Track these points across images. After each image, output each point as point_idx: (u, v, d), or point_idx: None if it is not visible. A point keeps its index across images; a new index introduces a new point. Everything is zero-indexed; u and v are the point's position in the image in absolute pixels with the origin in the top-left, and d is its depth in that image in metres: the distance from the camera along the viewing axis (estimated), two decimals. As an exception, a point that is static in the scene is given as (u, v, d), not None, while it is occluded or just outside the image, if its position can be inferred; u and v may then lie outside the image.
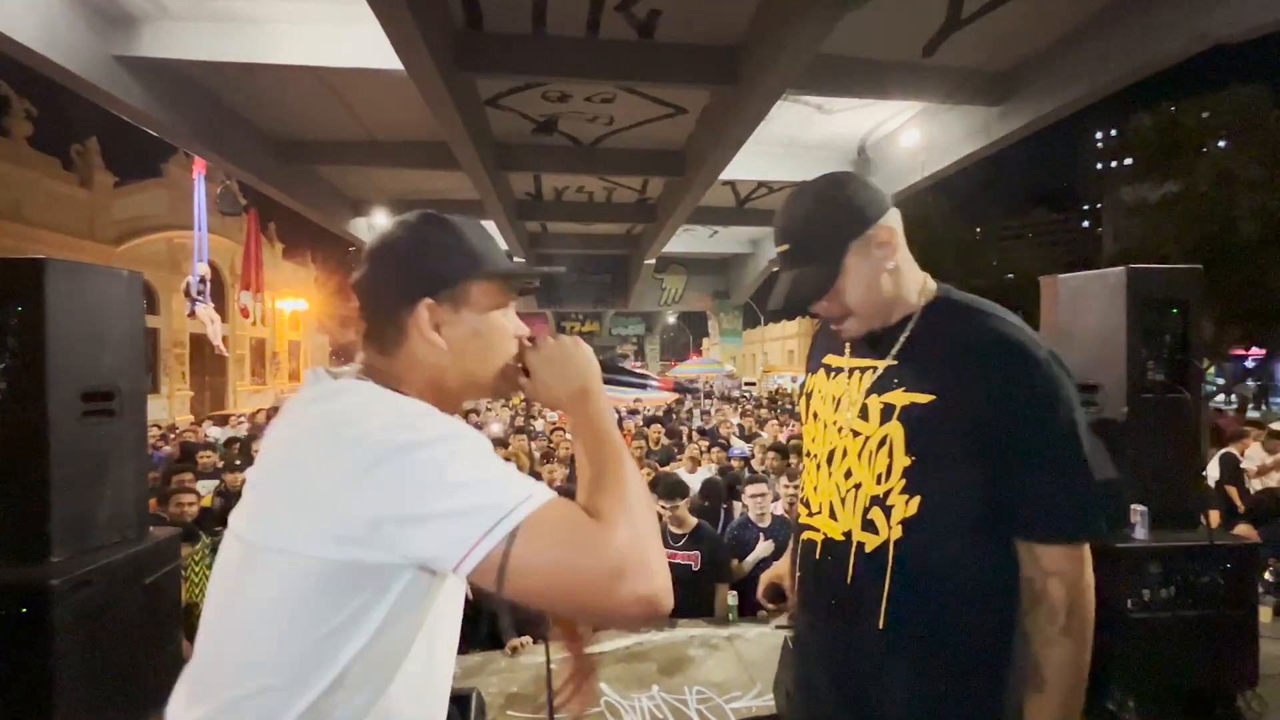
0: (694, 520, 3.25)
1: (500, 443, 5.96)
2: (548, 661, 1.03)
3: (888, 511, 0.94)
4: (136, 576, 2.26)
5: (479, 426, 8.36)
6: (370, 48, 5.62)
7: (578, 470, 0.73)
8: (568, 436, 7.04)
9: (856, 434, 0.99)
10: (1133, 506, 2.28)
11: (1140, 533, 2.25)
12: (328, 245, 25.10)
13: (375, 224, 12.85)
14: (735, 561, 3.39)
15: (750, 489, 3.64)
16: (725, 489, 4.23)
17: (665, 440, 7.01)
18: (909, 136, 8.49)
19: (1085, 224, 62.31)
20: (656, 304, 21.04)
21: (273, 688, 0.63)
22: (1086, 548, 0.87)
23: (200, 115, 7.20)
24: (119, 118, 6.57)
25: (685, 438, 6.61)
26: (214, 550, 3.01)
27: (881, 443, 0.96)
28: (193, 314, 9.04)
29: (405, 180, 11.22)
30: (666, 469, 5.19)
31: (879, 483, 0.95)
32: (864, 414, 0.98)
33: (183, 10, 5.79)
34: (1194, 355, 2.39)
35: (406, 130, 8.50)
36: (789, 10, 4.97)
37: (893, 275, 0.99)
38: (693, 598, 3.10)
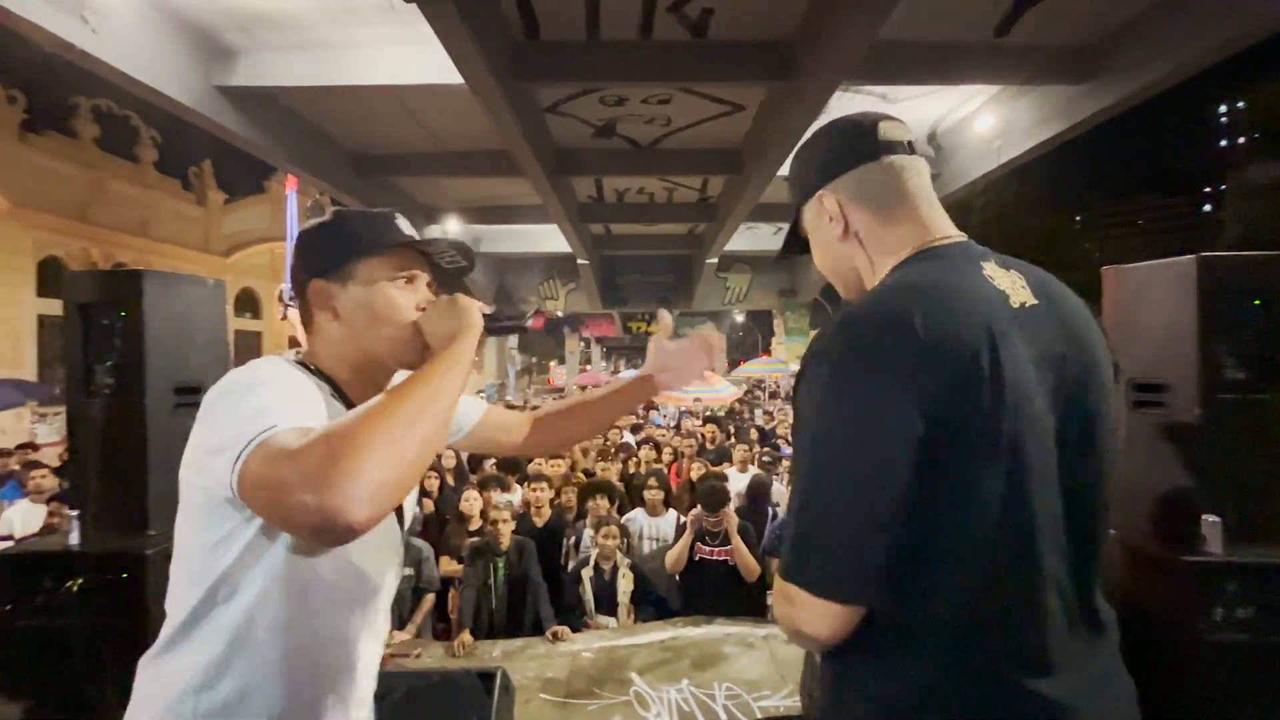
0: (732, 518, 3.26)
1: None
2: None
3: None
4: (217, 550, 2.54)
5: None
6: (438, 65, 5.94)
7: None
8: (625, 434, 7.16)
9: None
10: (1204, 517, 2.09)
11: (1213, 546, 2.06)
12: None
13: (447, 230, 13.51)
14: (775, 561, 3.36)
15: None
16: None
17: (721, 438, 6.97)
18: (983, 122, 8.01)
19: (1205, 208, 56.14)
20: (721, 303, 20.84)
21: (194, 563, 0.79)
22: (805, 597, 0.69)
23: (289, 135, 7.87)
24: (227, 142, 7.29)
25: (734, 437, 6.55)
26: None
27: None
28: (284, 318, 9.85)
29: (473, 188, 11.74)
30: (718, 469, 5.18)
31: None
32: None
33: (273, 42, 6.36)
34: (1284, 352, 2.15)
35: (473, 140, 8.91)
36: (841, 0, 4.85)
37: (848, 251, 0.87)
38: (730, 595, 3.11)
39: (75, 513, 2.35)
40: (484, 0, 5.17)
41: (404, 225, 0.92)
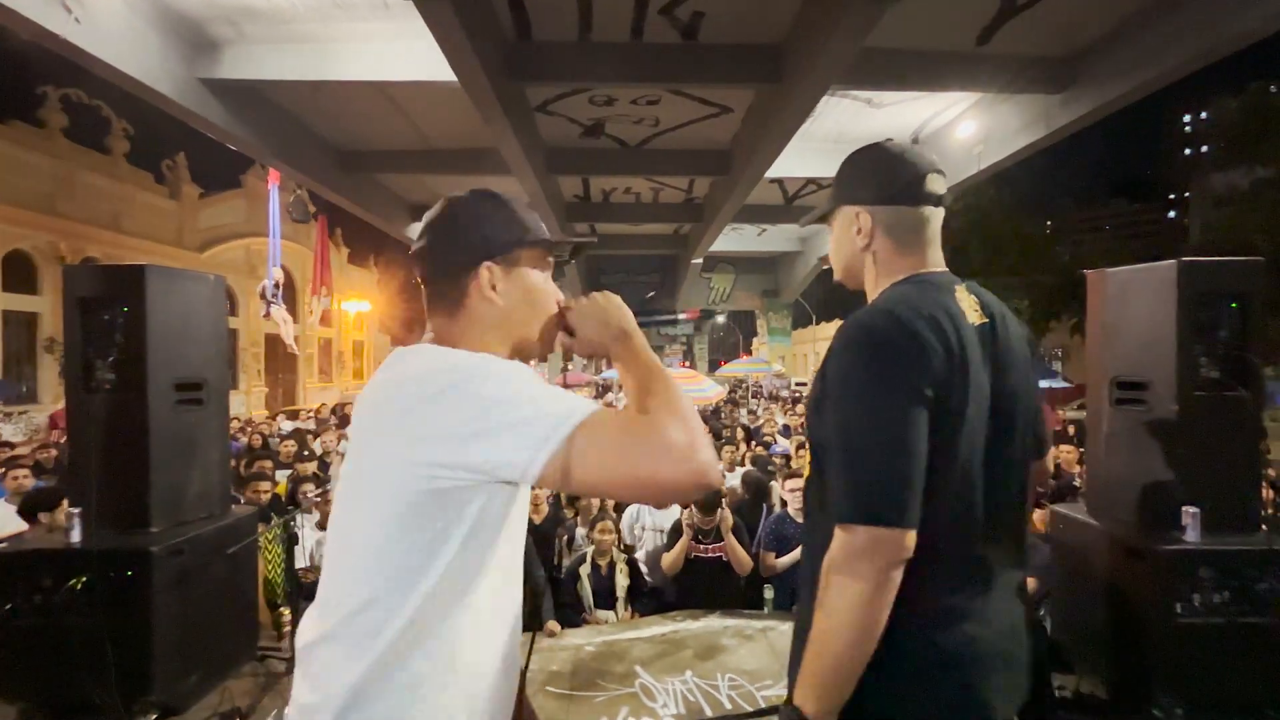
0: (722, 516, 3.32)
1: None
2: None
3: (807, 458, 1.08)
4: (221, 547, 2.53)
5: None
6: (427, 61, 5.92)
7: (626, 395, 0.82)
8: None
9: None
10: (1183, 508, 2.20)
11: (1191, 535, 2.18)
12: (389, 249, 26.25)
13: (432, 228, 13.40)
14: (772, 555, 3.43)
15: (789, 483, 3.67)
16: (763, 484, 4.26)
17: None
18: (964, 128, 8.21)
19: (1171, 214, 57.95)
20: (705, 303, 20.99)
21: (379, 599, 0.75)
22: (867, 533, 0.84)
23: (274, 130, 7.74)
24: (203, 134, 7.14)
25: (719, 436, 6.63)
26: (285, 529, 3.29)
27: None
28: (268, 315, 9.68)
29: (460, 185, 11.46)
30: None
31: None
32: None
33: (259, 34, 6.26)
34: (1254, 352, 2.28)
35: (461, 138, 8.86)
36: (830, 6, 4.94)
37: (863, 259, 1.08)
38: (724, 591, 3.17)
39: (77, 510, 2.32)
40: (478, -2, 5.17)
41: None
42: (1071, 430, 7.29)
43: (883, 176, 1.04)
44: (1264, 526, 2.24)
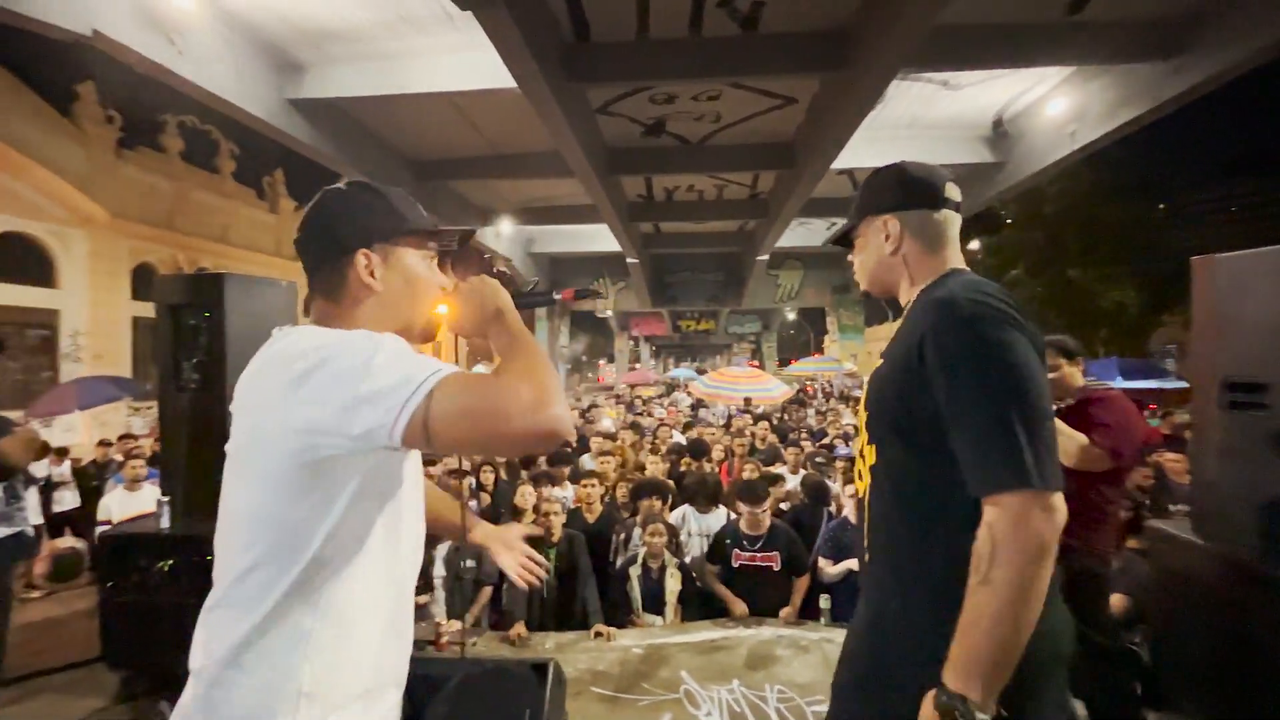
0: (768, 522, 3.20)
1: (610, 437, 6.19)
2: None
3: (864, 460, 1.09)
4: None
5: (590, 422, 8.77)
6: (490, 70, 6.10)
7: (495, 367, 0.86)
8: (673, 433, 7.15)
9: None
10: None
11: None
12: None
13: (502, 232, 13.84)
14: (830, 564, 3.28)
15: (849, 489, 3.50)
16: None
17: (773, 438, 6.87)
18: (1054, 106, 7.56)
19: (1311, 192, 51.07)
20: (772, 301, 20.51)
21: (264, 563, 0.79)
22: (1027, 497, 0.84)
23: (353, 143, 8.24)
24: (297, 151, 7.70)
25: (791, 438, 6.43)
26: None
27: (860, 405, 1.14)
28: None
29: (526, 189, 11.98)
30: (770, 469, 5.10)
31: (859, 438, 1.14)
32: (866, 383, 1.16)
33: (338, 55, 6.67)
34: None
35: (525, 142, 9.09)
36: (899, -16, 4.67)
37: (892, 264, 1.16)
38: (775, 597, 3.05)
39: (166, 498, 2.54)
40: (535, 3, 5.26)
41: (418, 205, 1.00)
42: (1187, 434, 6.55)
43: (905, 186, 1.14)
44: None
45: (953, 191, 1.14)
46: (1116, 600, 2.77)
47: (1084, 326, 18.38)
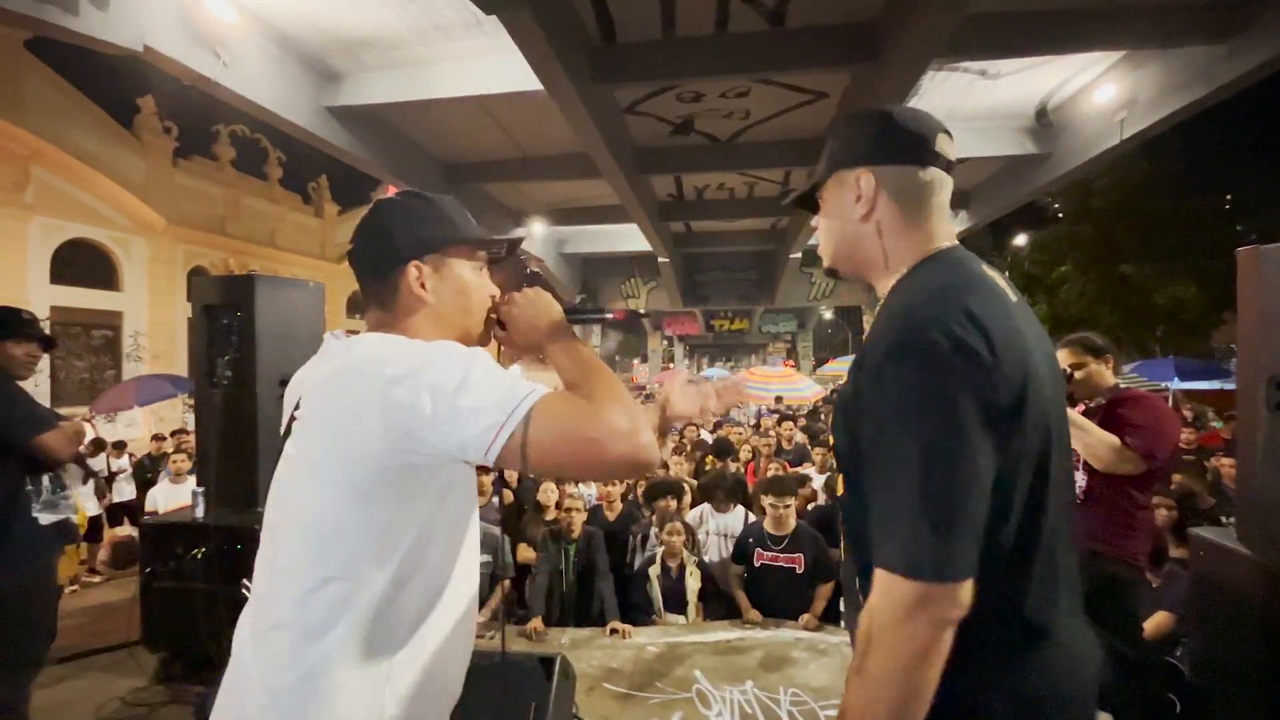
0: (794, 522, 3.15)
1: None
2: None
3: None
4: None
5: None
6: (518, 73, 6.18)
7: (562, 382, 0.84)
8: (701, 432, 7.12)
9: None
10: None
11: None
12: (507, 263, 27.86)
13: (533, 233, 14.01)
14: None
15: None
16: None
17: (801, 438, 6.77)
18: (1102, 93, 7.20)
19: (1398, 179, 47.31)
20: (806, 299, 20.18)
21: (339, 578, 0.76)
22: (914, 589, 0.69)
23: (388, 148, 8.47)
24: (338, 158, 7.97)
25: (822, 438, 6.33)
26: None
27: None
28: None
29: (557, 191, 12.09)
30: (798, 469, 5.03)
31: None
32: None
33: (373, 63, 6.87)
34: None
35: (555, 144, 9.17)
36: (930, -28, 4.54)
37: (863, 233, 0.91)
38: (797, 600, 3.01)
39: (200, 489, 2.67)
40: (560, 5, 5.31)
41: (468, 214, 0.99)
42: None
43: (886, 133, 0.89)
44: None
45: (945, 145, 0.89)
46: (1163, 619, 2.63)
47: (1138, 325, 17.48)
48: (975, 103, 7.82)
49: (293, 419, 0.86)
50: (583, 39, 6.05)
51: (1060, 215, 19.69)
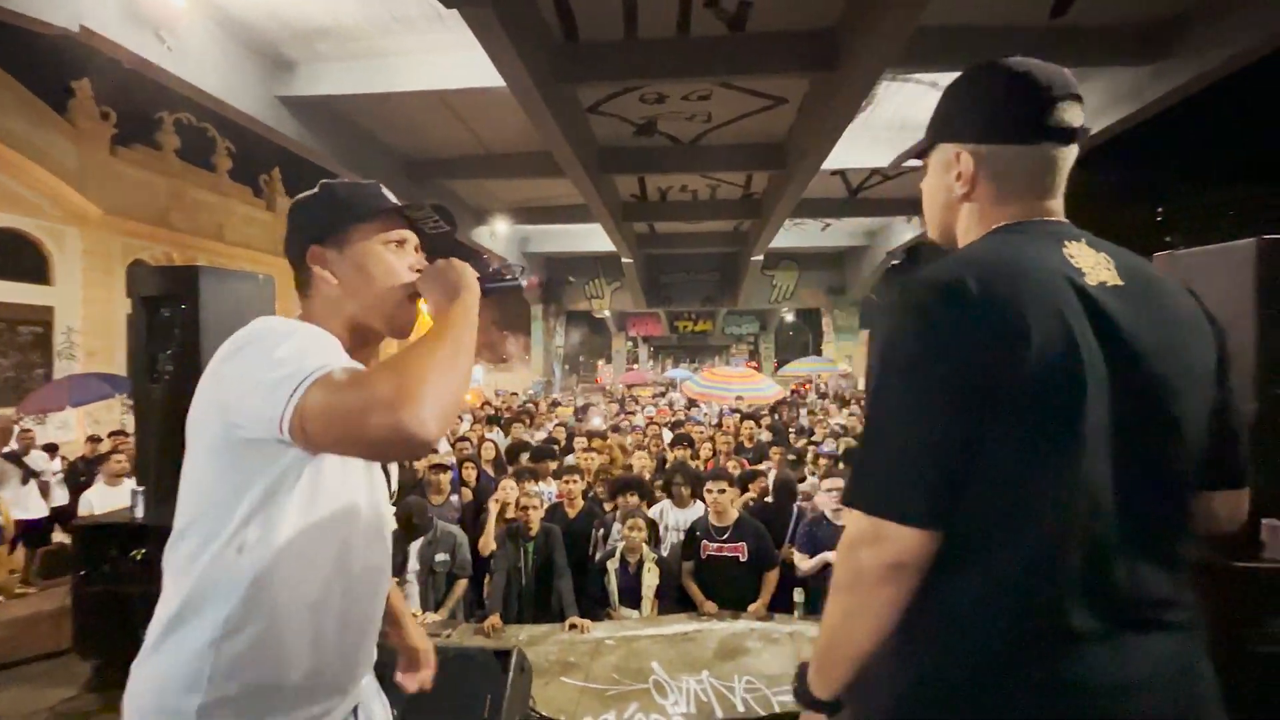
0: (735, 513, 3.24)
1: (599, 435, 6.21)
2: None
3: None
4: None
5: (580, 421, 8.78)
6: (483, 69, 6.11)
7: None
8: (663, 431, 7.18)
9: None
10: (1263, 520, 1.93)
11: (1273, 551, 1.90)
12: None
13: (496, 231, 13.86)
14: (805, 558, 3.31)
15: (825, 483, 3.54)
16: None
17: (761, 436, 6.89)
18: (1043, 108, 7.58)
19: (1310, 196, 50.99)
20: (767, 301, 20.55)
21: (189, 533, 0.83)
22: (861, 520, 0.73)
23: (344, 142, 8.26)
24: (292, 150, 7.72)
25: (774, 436, 6.46)
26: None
27: None
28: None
29: (519, 189, 12.00)
30: (757, 467, 5.13)
31: None
32: None
33: (329, 52, 6.69)
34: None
35: (518, 142, 9.11)
36: (883, -16, 4.71)
37: (955, 208, 0.88)
38: (741, 589, 3.08)
39: (140, 488, 2.56)
40: (523, 3, 5.29)
41: (388, 194, 0.98)
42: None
43: (993, 105, 0.82)
44: (1368, 545, 1.92)
45: (1066, 114, 0.79)
46: None
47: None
48: (926, 112, 7.98)
49: None
50: (545, 37, 6.03)
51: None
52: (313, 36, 6.40)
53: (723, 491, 3.17)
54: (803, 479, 4.30)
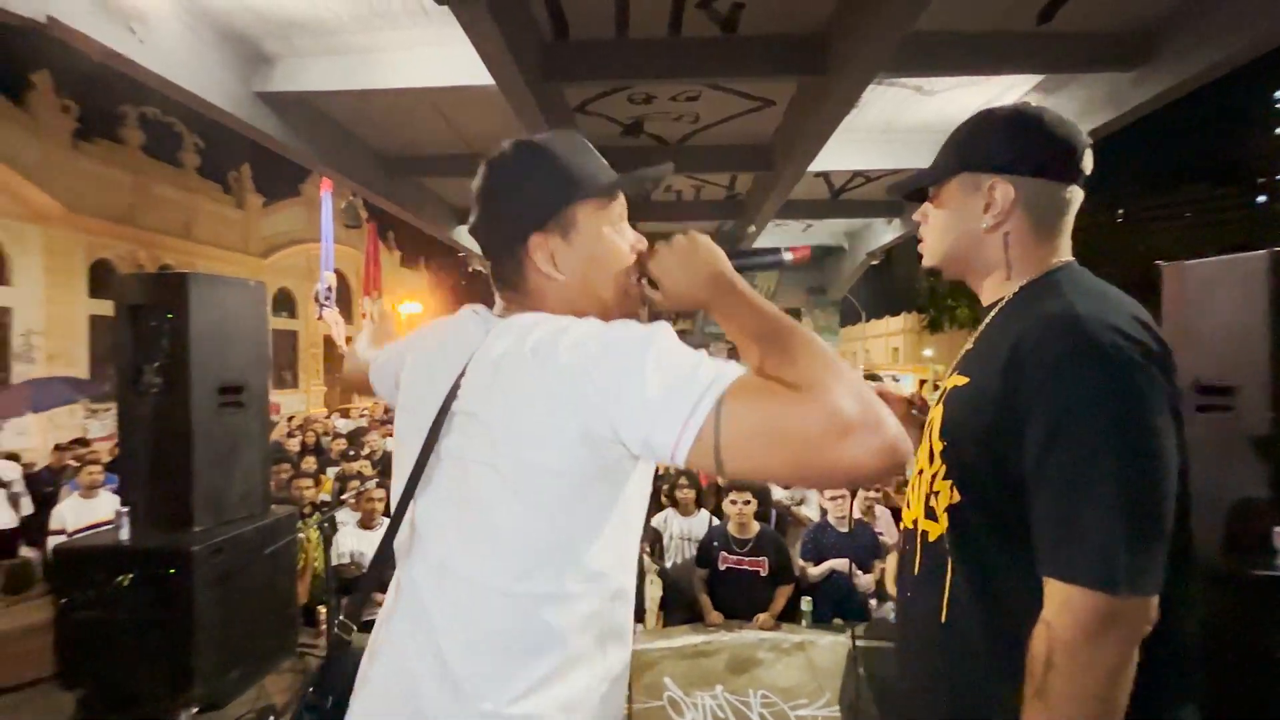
0: (757, 525, 3.21)
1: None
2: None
3: (937, 498, 0.86)
4: (260, 547, 2.59)
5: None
6: (466, 66, 5.98)
7: (744, 356, 0.67)
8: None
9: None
10: (1275, 530, 1.96)
11: (1286, 559, 1.93)
12: (440, 253, 27.01)
13: (477, 230, 13.64)
14: (811, 566, 3.30)
15: (828, 490, 3.53)
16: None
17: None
18: (1024, 113, 7.72)
19: (1260, 199, 53.37)
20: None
21: (542, 591, 0.68)
22: (1106, 602, 0.67)
23: (323, 139, 8.02)
24: (265, 146, 7.47)
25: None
26: (321, 527, 3.37)
27: (930, 426, 0.91)
28: (321, 317, 10.05)
29: (503, 188, 11.82)
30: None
31: (929, 465, 0.89)
32: (938, 399, 0.94)
33: (308, 47, 6.48)
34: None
35: (502, 140, 8.95)
36: (875, -10, 4.72)
37: (986, 242, 0.90)
38: (760, 603, 3.06)
39: (125, 509, 2.42)
40: (514, 0, 5.18)
41: (600, 158, 0.83)
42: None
43: (1036, 140, 0.86)
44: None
45: (1088, 163, 0.89)
46: None
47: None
48: (911, 117, 8.20)
49: (445, 410, 0.71)
50: (535, 34, 5.93)
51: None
52: (292, 31, 6.19)
53: (747, 503, 3.13)
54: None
